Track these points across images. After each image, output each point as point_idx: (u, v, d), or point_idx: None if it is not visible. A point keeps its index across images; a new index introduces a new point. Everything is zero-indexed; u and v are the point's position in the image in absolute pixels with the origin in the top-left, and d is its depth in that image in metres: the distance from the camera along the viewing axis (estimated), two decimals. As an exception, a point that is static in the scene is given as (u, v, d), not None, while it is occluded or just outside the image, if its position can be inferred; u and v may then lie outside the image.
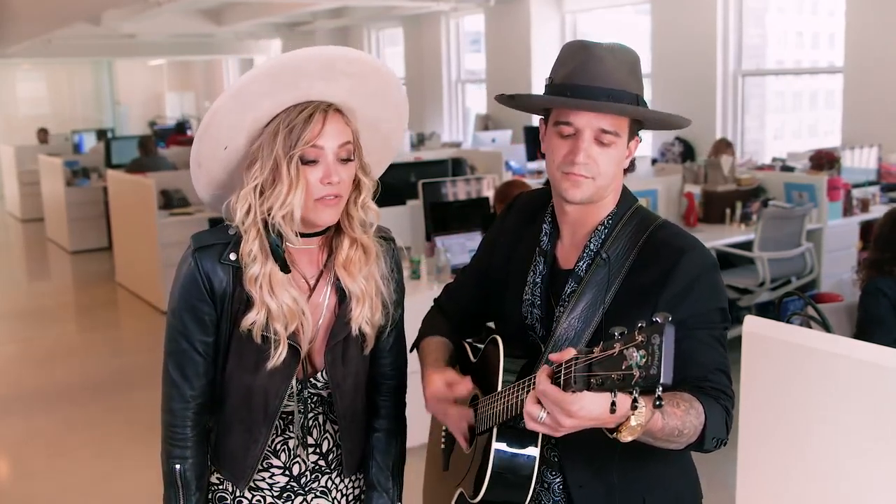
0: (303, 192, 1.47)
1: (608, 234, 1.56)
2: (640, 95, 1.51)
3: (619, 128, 1.49)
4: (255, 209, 1.49)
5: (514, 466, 1.50)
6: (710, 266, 1.52)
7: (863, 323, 3.20)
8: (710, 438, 1.40)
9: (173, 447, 1.60)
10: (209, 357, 1.58)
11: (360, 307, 1.58)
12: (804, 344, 1.89)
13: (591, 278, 1.53)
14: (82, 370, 5.69)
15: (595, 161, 1.49)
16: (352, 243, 1.58)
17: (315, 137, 1.47)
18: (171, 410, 1.60)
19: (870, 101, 6.66)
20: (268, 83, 1.45)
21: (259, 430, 1.60)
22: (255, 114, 1.48)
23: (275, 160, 1.46)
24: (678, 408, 1.36)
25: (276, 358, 1.52)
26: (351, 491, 1.73)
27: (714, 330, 1.50)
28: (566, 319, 1.52)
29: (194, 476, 1.61)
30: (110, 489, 3.97)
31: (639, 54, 1.54)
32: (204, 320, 1.55)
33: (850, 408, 1.79)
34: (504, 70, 10.30)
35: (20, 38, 11.68)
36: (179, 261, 1.59)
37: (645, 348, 1.09)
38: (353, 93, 1.52)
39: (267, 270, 1.51)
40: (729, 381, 1.49)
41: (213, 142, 1.51)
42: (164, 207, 7.33)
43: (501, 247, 1.73)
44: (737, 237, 5.39)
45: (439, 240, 4.48)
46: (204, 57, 17.27)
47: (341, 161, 1.50)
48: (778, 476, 1.95)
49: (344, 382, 1.63)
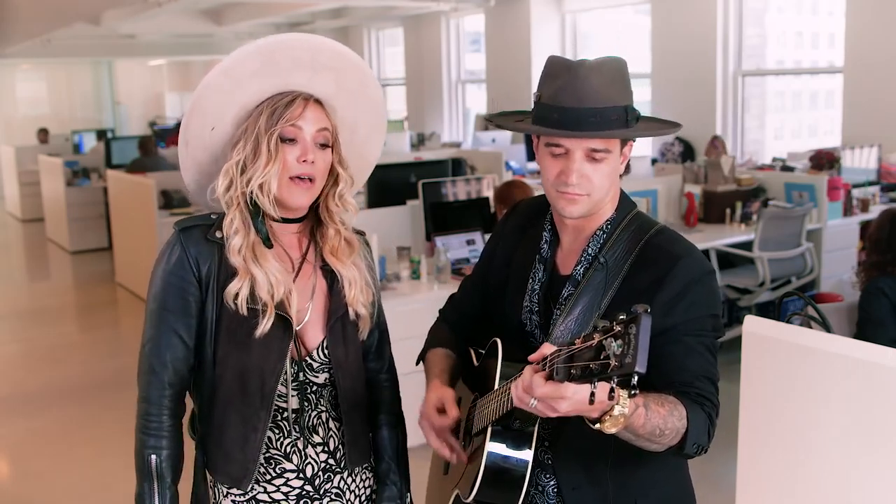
0: (279, 166, 1.54)
1: (606, 239, 1.56)
2: (629, 105, 1.49)
3: (610, 145, 1.49)
4: (237, 183, 1.56)
5: (506, 467, 1.50)
6: (704, 273, 1.52)
7: (863, 323, 3.20)
8: (691, 443, 1.40)
9: (148, 437, 1.58)
10: (190, 343, 1.59)
11: (353, 290, 1.64)
12: (804, 344, 1.89)
13: (589, 282, 1.53)
14: (82, 370, 5.69)
15: (588, 178, 1.50)
16: (336, 233, 1.65)
17: (295, 118, 1.55)
18: (148, 399, 1.59)
19: (870, 101, 6.66)
20: (258, 61, 1.53)
21: (257, 416, 1.58)
22: (242, 96, 1.56)
23: (256, 136, 1.55)
24: (662, 407, 1.37)
25: (264, 324, 1.54)
26: (363, 491, 1.74)
27: (704, 337, 1.50)
28: (563, 322, 1.52)
29: (170, 467, 1.59)
30: (110, 489, 3.96)
31: (623, 60, 1.52)
32: (188, 301, 1.57)
33: (850, 408, 1.79)
34: (504, 70, 10.30)
35: (20, 38, 11.69)
36: (161, 248, 1.61)
37: (622, 338, 1.10)
38: (336, 88, 1.60)
39: (250, 241, 1.56)
40: (715, 390, 1.49)
41: (201, 119, 1.57)
42: (164, 207, 7.34)
43: (501, 254, 1.74)
44: (737, 237, 5.39)
45: (439, 240, 4.48)
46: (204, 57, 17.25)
47: (319, 146, 1.58)
48: (778, 476, 1.95)
49: (346, 362, 1.65)
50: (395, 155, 7.99)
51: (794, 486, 1.91)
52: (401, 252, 4.46)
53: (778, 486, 1.96)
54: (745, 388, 2.02)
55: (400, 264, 4.40)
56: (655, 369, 1.46)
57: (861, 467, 1.78)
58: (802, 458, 1.89)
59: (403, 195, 5.17)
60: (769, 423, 1.97)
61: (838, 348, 1.82)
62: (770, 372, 1.96)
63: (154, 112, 17.92)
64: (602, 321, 1.16)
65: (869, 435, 1.76)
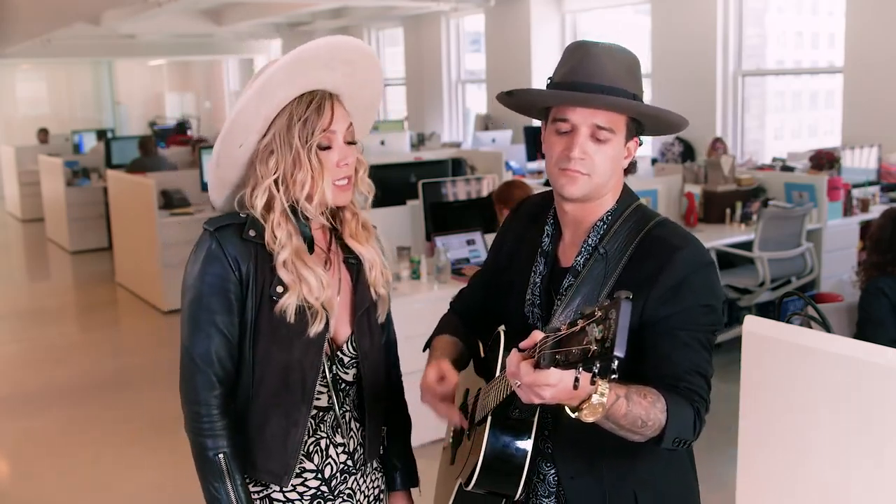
0: (328, 177, 1.55)
1: (607, 230, 1.57)
2: (638, 95, 1.52)
3: (615, 124, 1.51)
4: (280, 199, 1.55)
5: (505, 456, 1.51)
6: (702, 264, 1.52)
7: (863, 323, 3.20)
8: (669, 437, 1.40)
9: (206, 438, 1.54)
10: (234, 340, 1.56)
11: (374, 271, 1.67)
12: (804, 344, 1.89)
13: (589, 273, 1.54)
14: (82, 370, 5.69)
15: (591, 157, 1.51)
16: (353, 216, 1.66)
17: (328, 125, 1.55)
18: (199, 400, 1.54)
19: (870, 101, 6.66)
20: (284, 74, 1.52)
21: (299, 411, 1.58)
22: (267, 107, 1.54)
23: (295, 151, 1.53)
24: (645, 399, 1.37)
25: (317, 325, 1.56)
26: (372, 491, 1.75)
27: (698, 332, 1.50)
28: (562, 313, 1.53)
29: (237, 466, 1.56)
30: (110, 489, 3.97)
31: (638, 58, 1.55)
32: (230, 299, 1.54)
33: (850, 408, 1.78)
34: (504, 70, 10.30)
35: (20, 38, 11.70)
36: (194, 247, 1.58)
37: (603, 322, 1.11)
38: (346, 80, 1.60)
39: (297, 253, 1.56)
40: (706, 385, 1.49)
41: (232, 140, 1.56)
42: (164, 207, 7.33)
43: (506, 249, 1.76)
44: (737, 237, 5.40)
45: (439, 240, 4.48)
46: (204, 57, 17.28)
47: (348, 144, 1.59)
48: (778, 476, 1.95)
49: (371, 353, 1.67)
50: (395, 155, 7.99)
51: (794, 486, 1.91)
52: (401, 252, 4.46)
53: (778, 486, 1.96)
54: (745, 388, 2.01)
55: (400, 264, 4.40)
56: (647, 360, 1.47)
57: (861, 467, 1.78)
58: (802, 458, 1.89)
59: (403, 195, 5.17)
60: (769, 423, 1.97)
61: (838, 348, 1.82)
62: (770, 372, 1.96)
63: (154, 112, 17.93)
64: (588, 307, 1.17)
65: (869, 435, 1.76)
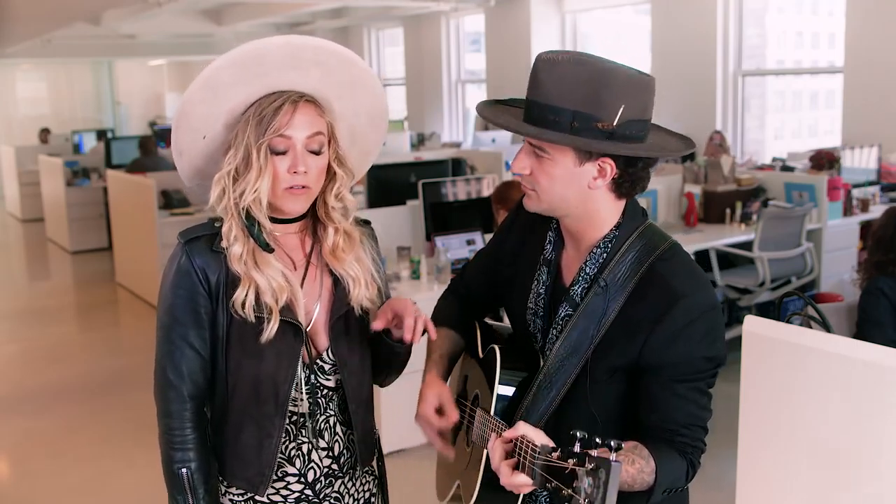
0: (269, 180, 1.52)
1: (608, 259, 1.51)
2: (582, 112, 1.39)
3: (548, 146, 1.44)
4: (229, 193, 1.54)
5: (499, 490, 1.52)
6: (703, 312, 1.45)
7: (862, 323, 3.19)
8: (659, 491, 1.42)
9: (175, 451, 1.58)
10: (206, 354, 1.58)
11: (357, 288, 1.62)
12: (804, 344, 1.89)
13: (587, 308, 1.49)
14: (82, 370, 5.69)
15: (533, 174, 1.48)
16: (336, 231, 1.62)
17: (283, 127, 1.51)
18: (170, 413, 1.58)
19: (870, 101, 6.65)
20: (235, 72, 1.49)
21: (272, 423, 1.58)
22: (229, 104, 1.53)
23: (246, 147, 1.51)
24: (633, 465, 1.39)
25: (269, 331, 1.53)
26: (363, 495, 1.74)
27: (698, 381, 1.48)
28: (561, 345, 1.51)
29: (201, 479, 1.58)
30: (110, 489, 3.97)
31: (611, 70, 1.40)
32: (200, 313, 1.56)
33: (850, 408, 1.78)
34: (504, 70, 10.30)
35: (20, 38, 11.69)
36: (168, 259, 1.60)
37: (594, 476, 1.15)
38: (323, 82, 1.56)
39: (250, 247, 1.54)
40: (703, 432, 1.50)
41: (190, 131, 1.55)
42: (164, 207, 7.33)
43: (511, 245, 1.72)
44: (737, 237, 5.39)
45: (439, 240, 4.48)
46: (204, 57, 17.21)
47: (311, 152, 1.54)
48: (778, 476, 1.95)
49: (350, 359, 1.64)
50: (395, 155, 7.99)
51: (794, 486, 1.91)
52: (401, 252, 4.46)
53: (778, 486, 1.95)
54: (745, 388, 2.01)
55: (400, 264, 4.40)
56: (643, 405, 1.48)
57: (861, 467, 1.78)
58: (802, 458, 1.88)
59: (403, 195, 5.17)
60: (769, 423, 1.97)
61: (838, 348, 1.82)
62: (770, 372, 1.96)
63: (154, 112, 17.92)
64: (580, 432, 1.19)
65: (868, 435, 1.76)
